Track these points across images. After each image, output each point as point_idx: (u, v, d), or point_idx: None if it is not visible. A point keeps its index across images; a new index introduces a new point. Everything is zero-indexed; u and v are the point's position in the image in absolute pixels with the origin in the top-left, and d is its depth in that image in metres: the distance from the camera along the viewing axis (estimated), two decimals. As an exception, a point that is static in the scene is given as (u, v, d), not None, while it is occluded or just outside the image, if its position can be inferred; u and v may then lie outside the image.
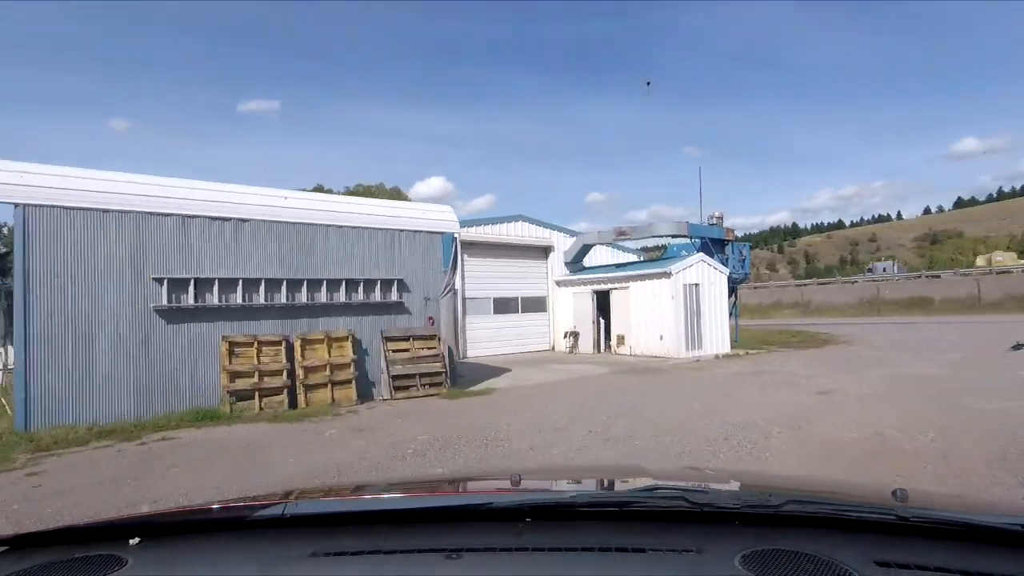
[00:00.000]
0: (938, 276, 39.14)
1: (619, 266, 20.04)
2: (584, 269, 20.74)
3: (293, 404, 9.11)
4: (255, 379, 8.86)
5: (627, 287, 17.65)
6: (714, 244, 18.67)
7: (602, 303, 18.74)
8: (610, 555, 0.98)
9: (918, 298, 35.04)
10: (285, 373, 9.12)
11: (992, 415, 7.23)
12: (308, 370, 9.35)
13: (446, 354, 10.79)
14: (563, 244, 20.72)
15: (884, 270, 65.54)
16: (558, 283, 20.32)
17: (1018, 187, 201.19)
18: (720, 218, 19.13)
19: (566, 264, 20.57)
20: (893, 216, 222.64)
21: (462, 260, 18.18)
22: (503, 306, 19.48)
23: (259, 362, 8.94)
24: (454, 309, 17.83)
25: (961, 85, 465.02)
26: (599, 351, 18.80)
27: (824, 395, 9.42)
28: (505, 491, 1.45)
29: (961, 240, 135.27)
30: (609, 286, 18.32)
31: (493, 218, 19.76)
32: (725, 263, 18.65)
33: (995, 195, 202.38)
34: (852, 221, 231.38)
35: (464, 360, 17.65)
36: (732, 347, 17.82)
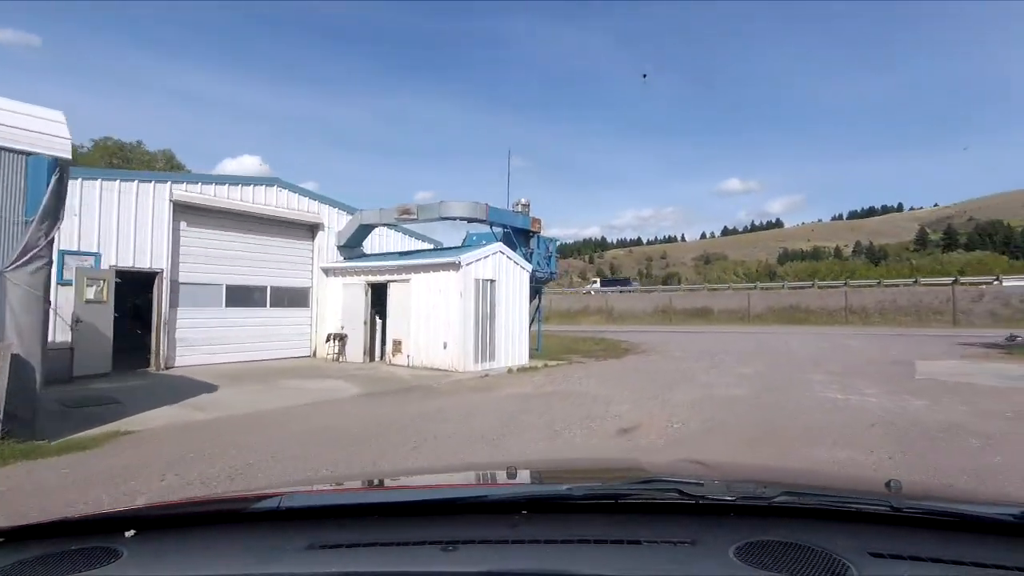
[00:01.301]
0: (716, 289, 43.20)
1: (402, 254, 16.26)
2: (363, 256, 16.53)
3: None
4: None
5: (408, 280, 13.89)
6: (518, 235, 15.94)
7: (378, 299, 14.72)
8: (606, 547, 0.97)
9: (701, 308, 37.82)
10: None
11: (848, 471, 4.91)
12: None
13: (5, 374, 5.72)
14: (338, 223, 16.24)
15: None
16: (326, 271, 15.76)
17: (764, 222, 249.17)
18: (527, 206, 16.52)
19: (339, 248, 16.12)
20: (679, 238, 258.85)
21: (173, 228, 12.67)
22: (243, 297, 14.28)
23: None
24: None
25: (731, 134, 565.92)
26: (371, 359, 14.72)
27: (628, 436, 6.67)
28: (501, 484, 1.42)
29: (726, 262, 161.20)
30: (387, 278, 14.37)
31: (234, 178, 14.46)
32: (529, 258, 16.03)
33: (749, 227, 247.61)
34: (648, 239, 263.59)
35: (167, 371, 12.19)
36: (532, 357, 15.20)
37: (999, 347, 16.42)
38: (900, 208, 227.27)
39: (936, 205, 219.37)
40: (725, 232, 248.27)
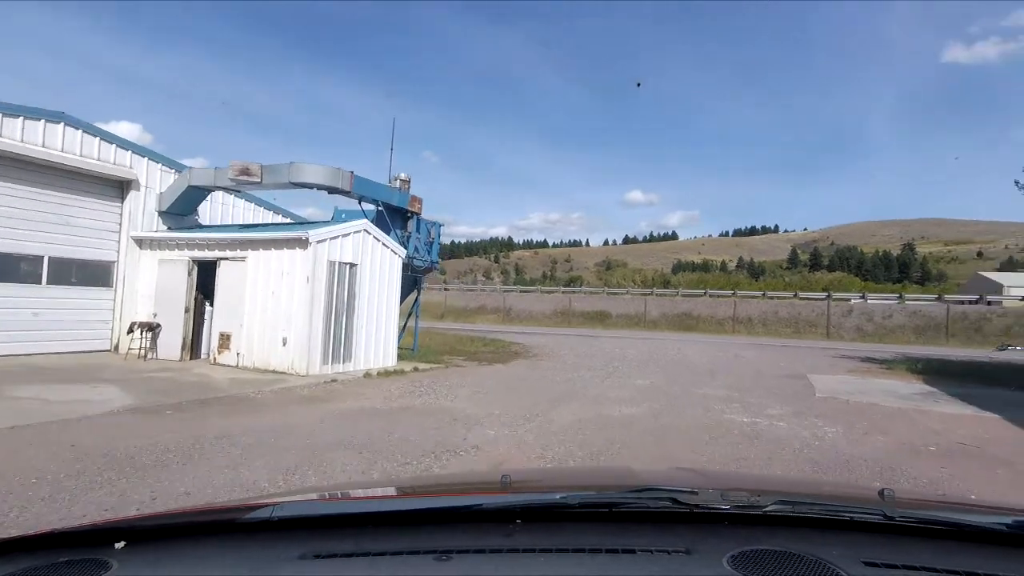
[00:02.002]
0: (615, 294, 43.26)
1: (242, 227, 13.19)
2: (199, 227, 13.21)
3: None
4: None
5: (243, 258, 10.94)
6: (394, 215, 13.48)
7: (206, 281, 11.59)
8: (600, 556, 0.96)
9: (600, 312, 37.34)
10: None
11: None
12: None
13: None
14: (161, 183, 12.79)
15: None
16: (139, 242, 12.28)
17: (661, 234, 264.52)
18: (407, 182, 14.06)
19: (162, 214, 12.70)
20: (584, 243, 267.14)
21: None
22: (3, 270, 10.52)
23: None
24: None
25: (637, 148, 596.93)
26: (192, 356, 11.55)
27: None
28: (495, 492, 1.35)
29: (626, 269, 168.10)
30: (217, 254, 11.29)
31: (-6, 103, 10.57)
32: (406, 243, 13.64)
33: (648, 237, 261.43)
34: (554, 242, 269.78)
35: None
36: (404, 359, 12.84)
37: (875, 361, 16.58)
38: (776, 230, 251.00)
39: (805, 229, 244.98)
40: (626, 240, 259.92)
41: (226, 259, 11.15)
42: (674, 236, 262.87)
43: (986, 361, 16.03)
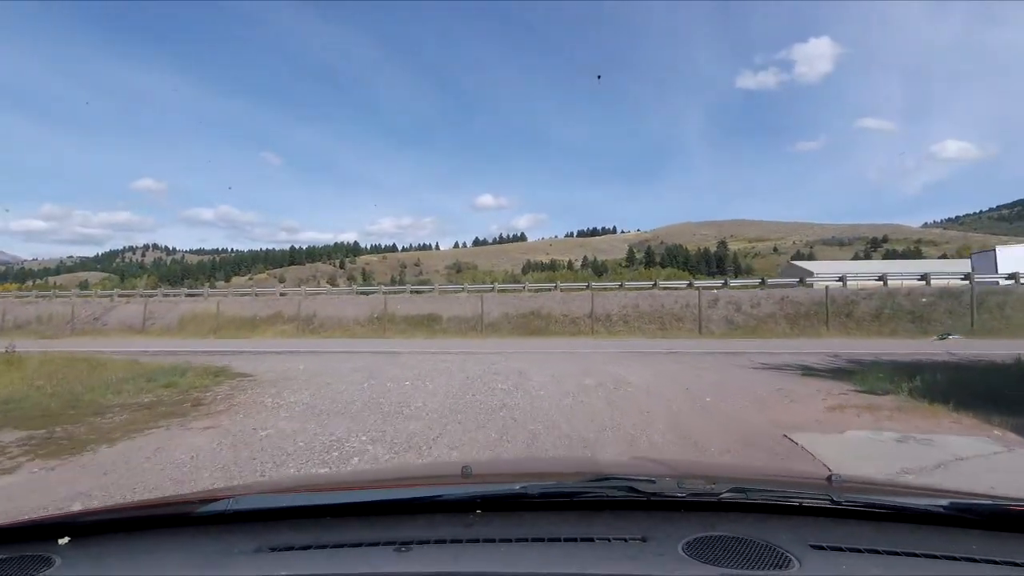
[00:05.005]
0: (450, 293, 35.41)
1: None
2: None
3: None
4: None
5: None
6: None
7: None
8: (559, 545, 0.96)
9: (428, 316, 29.08)
10: None
11: None
12: None
13: None
14: None
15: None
16: None
17: (511, 236, 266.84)
18: None
19: None
20: (434, 246, 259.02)
21: None
22: None
23: None
24: None
25: (487, 153, 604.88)
26: None
27: None
28: (456, 482, 1.37)
29: (476, 271, 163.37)
30: None
31: None
32: None
33: (498, 239, 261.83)
34: (403, 247, 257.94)
35: None
36: None
37: (816, 373, 10.41)
38: (615, 230, 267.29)
39: (639, 230, 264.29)
40: (476, 243, 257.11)
41: None
42: (523, 238, 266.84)
43: (954, 360, 10.75)
